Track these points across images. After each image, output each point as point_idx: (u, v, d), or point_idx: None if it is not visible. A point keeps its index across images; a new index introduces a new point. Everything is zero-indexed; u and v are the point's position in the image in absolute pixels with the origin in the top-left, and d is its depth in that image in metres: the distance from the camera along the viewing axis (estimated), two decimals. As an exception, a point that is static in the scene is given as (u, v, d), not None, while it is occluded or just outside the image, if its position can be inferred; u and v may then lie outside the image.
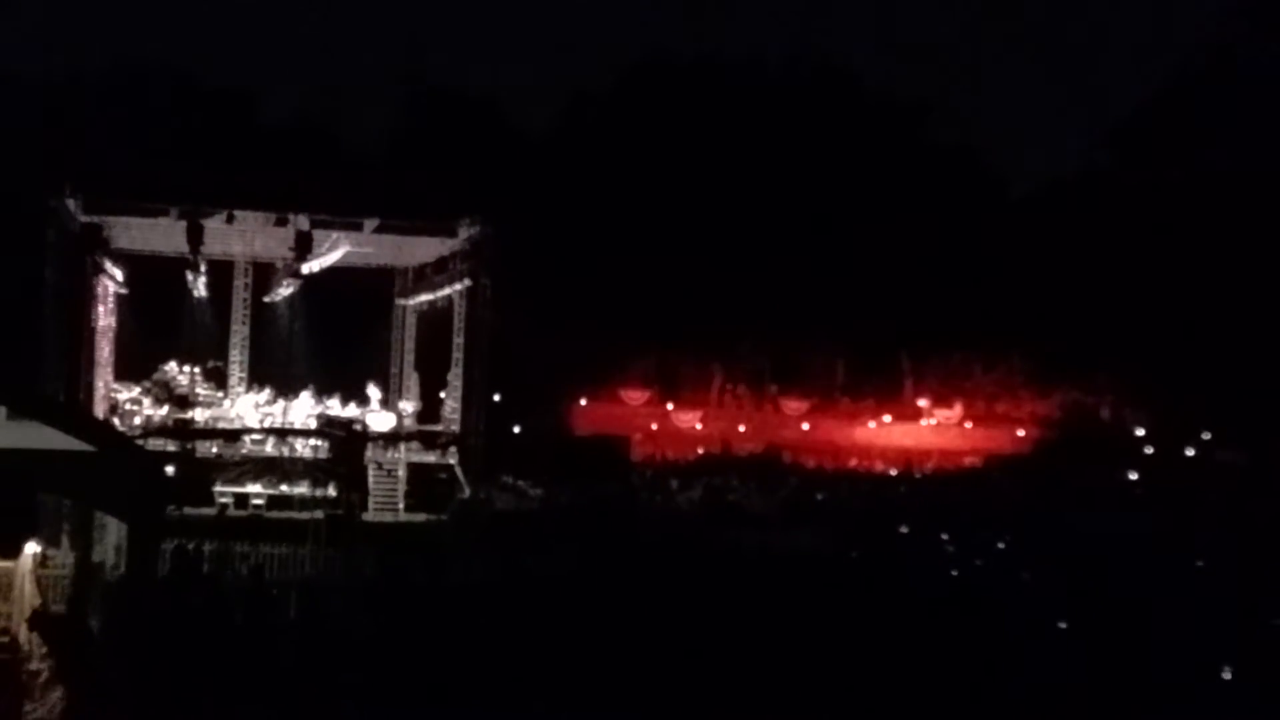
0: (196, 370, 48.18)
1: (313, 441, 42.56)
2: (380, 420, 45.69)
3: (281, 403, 45.92)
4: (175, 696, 20.44)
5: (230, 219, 41.46)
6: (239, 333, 48.65)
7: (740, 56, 77.67)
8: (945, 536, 41.30)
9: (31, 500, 27.13)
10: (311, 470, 40.25)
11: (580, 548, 33.95)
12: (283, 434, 43.15)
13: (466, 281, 43.26)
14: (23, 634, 23.68)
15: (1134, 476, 55.32)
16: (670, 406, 65.51)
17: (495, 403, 47.49)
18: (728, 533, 39.19)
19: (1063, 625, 30.49)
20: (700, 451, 61.08)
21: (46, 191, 40.09)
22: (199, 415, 45.17)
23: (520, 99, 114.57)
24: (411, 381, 49.03)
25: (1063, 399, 66.84)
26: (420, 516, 41.15)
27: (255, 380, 48.26)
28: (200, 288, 48.06)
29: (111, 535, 29.19)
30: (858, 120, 73.81)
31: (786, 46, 79.30)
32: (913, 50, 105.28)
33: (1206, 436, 59.70)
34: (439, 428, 45.56)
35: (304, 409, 45.43)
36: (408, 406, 47.91)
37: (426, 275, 47.74)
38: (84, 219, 40.88)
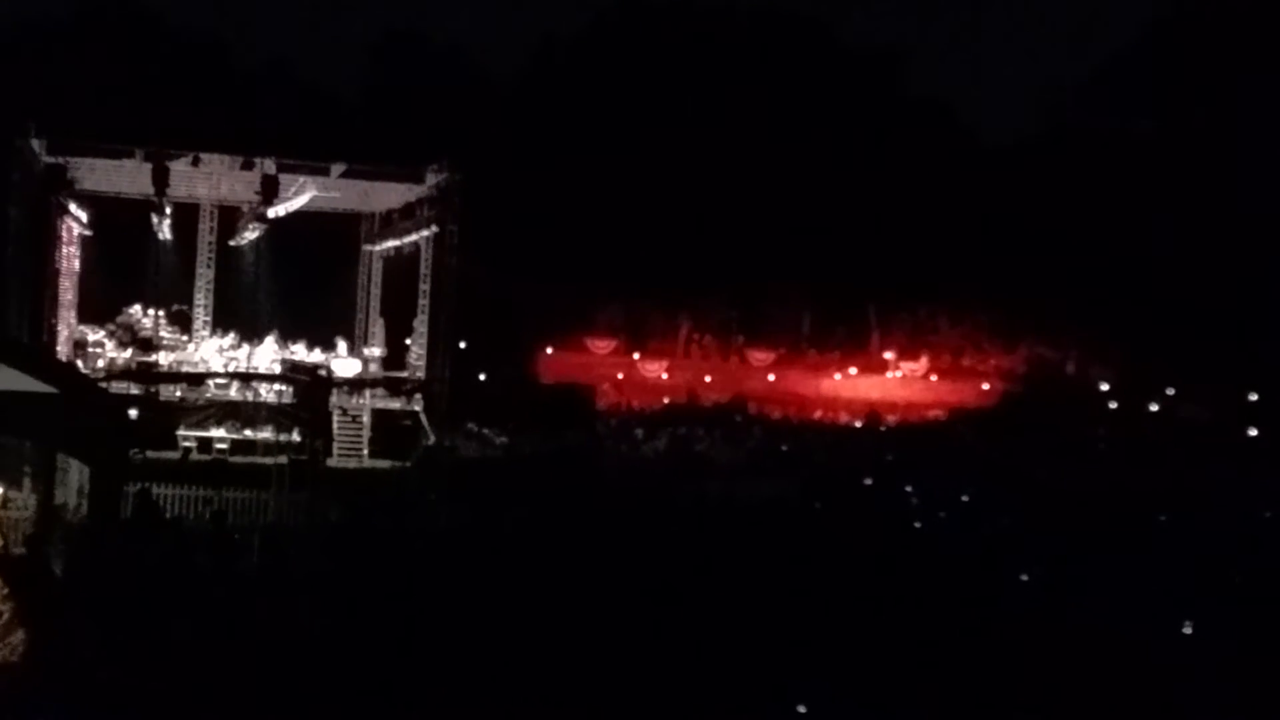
0: (161, 313, 47.83)
1: (277, 386, 42.36)
2: (345, 366, 45.55)
3: (246, 347, 45.66)
4: (137, 638, 20.39)
5: (196, 161, 41.27)
6: (204, 276, 48.32)
7: (712, 2, 77.27)
8: (909, 488, 41.46)
9: (-7, 442, 27.06)
10: (275, 415, 40.05)
11: (545, 496, 33.97)
12: (247, 379, 42.91)
13: (434, 228, 43.06)
14: (-17, 575, 23.56)
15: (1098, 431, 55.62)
16: (636, 356, 65.47)
17: (461, 350, 47.41)
18: (693, 482, 39.24)
19: (1024, 578, 30.69)
20: (666, 401, 61.05)
21: (10, 131, 39.79)
22: (163, 359, 44.88)
23: (489, 44, 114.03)
24: (377, 328, 48.88)
25: (1028, 353, 67.09)
26: (384, 463, 41.08)
27: (220, 324, 47.95)
28: (165, 230, 47.62)
29: (74, 478, 29.10)
30: (829, 70, 73.62)
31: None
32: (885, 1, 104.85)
33: (1170, 392, 59.94)
34: (404, 374, 45.47)
35: (268, 354, 45.21)
36: (373, 352, 47.78)
37: (393, 221, 47.50)
38: (48, 159, 40.61)
